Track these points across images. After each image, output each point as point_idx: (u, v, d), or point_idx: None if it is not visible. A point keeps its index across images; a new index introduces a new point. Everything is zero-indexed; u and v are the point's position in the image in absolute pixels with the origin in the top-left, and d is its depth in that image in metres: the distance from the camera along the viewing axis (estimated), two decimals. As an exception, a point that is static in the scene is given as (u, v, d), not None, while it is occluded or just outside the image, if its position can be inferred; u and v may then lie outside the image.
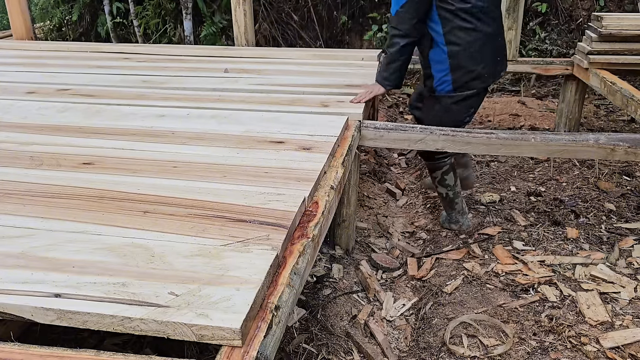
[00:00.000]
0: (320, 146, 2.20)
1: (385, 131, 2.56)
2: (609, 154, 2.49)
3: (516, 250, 2.70)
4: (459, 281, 2.50)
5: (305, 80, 3.22)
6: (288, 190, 1.80)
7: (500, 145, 2.55)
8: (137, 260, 1.40)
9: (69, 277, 1.33)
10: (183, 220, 1.61)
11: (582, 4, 5.63)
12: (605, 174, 3.53)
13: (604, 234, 2.81)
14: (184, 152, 2.15)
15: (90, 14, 6.42)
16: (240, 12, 4.41)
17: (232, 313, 1.20)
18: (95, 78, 3.35)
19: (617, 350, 2.00)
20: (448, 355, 2.10)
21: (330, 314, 2.36)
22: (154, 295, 1.25)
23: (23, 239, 1.51)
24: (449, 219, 3.00)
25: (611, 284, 2.38)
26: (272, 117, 2.56)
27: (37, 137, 2.33)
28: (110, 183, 1.86)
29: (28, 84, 3.24)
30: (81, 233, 1.54)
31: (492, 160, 3.90)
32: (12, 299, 1.25)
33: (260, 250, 1.45)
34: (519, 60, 4.27)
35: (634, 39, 3.66)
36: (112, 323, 1.20)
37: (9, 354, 1.16)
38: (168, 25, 5.95)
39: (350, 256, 2.81)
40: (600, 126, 4.52)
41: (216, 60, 3.97)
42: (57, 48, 4.63)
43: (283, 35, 5.93)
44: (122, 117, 2.58)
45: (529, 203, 3.20)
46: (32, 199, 1.75)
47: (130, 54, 4.22)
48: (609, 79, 3.50)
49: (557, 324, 2.15)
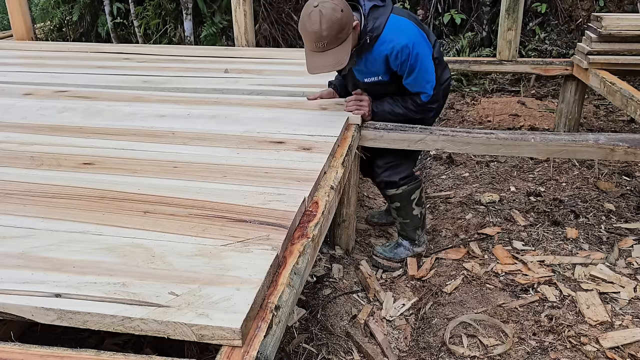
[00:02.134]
0: (320, 146, 2.21)
1: (385, 131, 2.57)
2: (609, 154, 2.50)
3: (516, 250, 2.70)
4: (458, 281, 2.50)
5: (306, 81, 3.22)
6: (288, 190, 1.81)
7: (499, 146, 2.56)
8: (137, 260, 1.41)
9: (70, 277, 1.33)
10: (183, 220, 1.61)
11: (581, 4, 5.63)
12: (604, 174, 3.53)
13: (604, 234, 2.81)
14: (184, 152, 2.15)
15: (91, 15, 6.43)
16: (240, 12, 4.42)
17: (233, 313, 1.20)
18: (96, 78, 3.36)
19: (617, 350, 2.01)
20: (448, 355, 2.10)
21: (330, 313, 2.36)
22: (154, 295, 1.26)
23: (23, 239, 1.51)
24: (415, 243, 2.76)
25: (611, 284, 2.39)
26: (272, 118, 2.57)
27: (38, 137, 2.33)
28: (110, 183, 1.87)
29: (28, 84, 3.24)
30: (81, 233, 1.55)
31: (492, 160, 3.91)
32: (13, 299, 1.25)
33: (261, 250, 1.45)
34: (518, 61, 4.27)
35: (634, 39, 3.66)
36: (112, 323, 1.21)
37: (9, 354, 1.16)
38: (168, 26, 5.95)
39: (350, 256, 2.82)
40: (600, 126, 4.52)
41: (216, 60, 3.98)
42: (58, 48, 4.64)
43: (283, 35, 5.93)
44: (123, 117, 2.58)
45: (529, 203, 3.20)
46: (32, 199, 1.76)
47: (131, 55, 4.22)
48: (609, 79, 3.50)
49: (557, 323, 2.15)
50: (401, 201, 2.65)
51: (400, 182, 2.61)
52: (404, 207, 2.67)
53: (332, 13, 2.19)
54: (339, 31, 2.22)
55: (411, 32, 2.39)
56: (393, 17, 2.40)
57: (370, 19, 2.37)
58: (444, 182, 3.67)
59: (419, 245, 2.78)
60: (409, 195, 2.64)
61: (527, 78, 5.57)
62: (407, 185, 2.62)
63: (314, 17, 2.20)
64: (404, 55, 2.34)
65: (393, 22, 2.38)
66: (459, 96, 5.41)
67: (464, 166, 3.88)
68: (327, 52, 2.27)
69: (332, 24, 2.19)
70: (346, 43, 2.27)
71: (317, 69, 2.32)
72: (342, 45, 2.27)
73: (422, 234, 2.78)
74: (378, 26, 2.36)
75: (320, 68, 2.32)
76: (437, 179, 3.73)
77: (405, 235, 2.77)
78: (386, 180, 2.62)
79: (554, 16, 5.71)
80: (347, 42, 2.28)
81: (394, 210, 2.70)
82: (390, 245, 2.81)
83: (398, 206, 2.67)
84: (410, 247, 2.77)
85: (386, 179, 2.62)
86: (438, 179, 3.74)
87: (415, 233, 2.74)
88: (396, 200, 2.66)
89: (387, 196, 2.70)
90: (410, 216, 2.69)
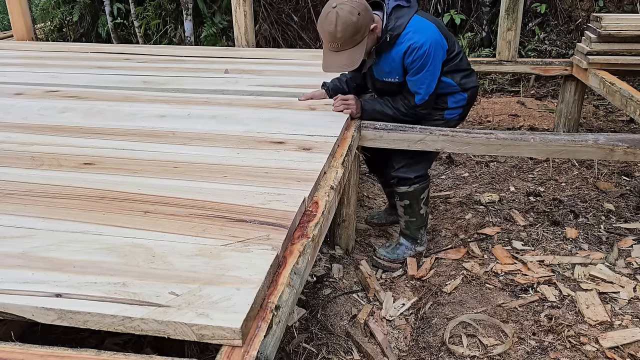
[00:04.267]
0: (320, 146, 2.21)
1: (385, 131, 2.57)
2: (608, 154, 2.50)
3: (515, 250, 2.71)
4: (458, 281, 2.51)
5: (306, 81, 3.23)
6: (288, 190, 1.81)
7: (499, 146, 2.56)
8: (137, 260, 1.41)
9: (70, 277, 1.33)
10: (183, 220, 1.62)
11: (581, 4, 5.63)
12: (604, 174, 3.53)
13: (603, 234, 2.82)
14: (184, 152, 2.15)
15: (91, 15, 6.43)
16: (240, 12, 4.42)
17: (233, 313, 1.20)
18: (96, 79, 3.36)
19: (617, 350, 2.01)
20: (447, 354, 2.10)
21: (330, 313, 2.36)
22: (155, 295, 1.26)
23: (24, 239, 1.51)
24: (417, 242, 2.77)
25: (610, 283, 2.39)
26: (272, 118, 2.57)
27: (38, 137, 2.33)
28: (110, 183, 1.87)
29: (28, 84, 3.24)
30: (82, 233, 1.55)
31: (492, 160, 3.91)
32: (13, 299, 1.25)
33: (261, 250, 1.45)
34: (518, 61, 4.27)
35: (633, 39, 3.67)
36: (112, 323, 1.21)
37: (9, 354, 1.17)
38: (168, 26, 5.95)
39: (350, 256, 2.82)
40: (600, 126, 4.52)
41: (216, 60, 3.98)
42: (58, 48, 4.64)
43: (283, 36, 5.93)
44: (123, 118, 2.59)
45: (528, 203, 3.21)
46: (32, 199, 1.76)
47: (131, 55, 4.22)
48: (608, 80, 3.51)
49: (557, 323, 2.16)
50: (411, 199, 2.67)
51: (415, 180, 2.64)
52: (413, 205, 2.69)
53: (349, 16, 2.24)
54: (354, 34, 2.27)
55: (431, 34, 2.40)
56: (416, 18, 2.43)
57: (393, 18, 2.40)
58: (443, 182, 3.68)
59: (421, 245, 2.79)
60: (420, 194, 2.67)
61: (526, 78, 5.57)
62: (420, 184, 2.66)
63: (331, 17, 2.26)
64: (418, 52, 2.36)
65: (415, 23, 2.41)
66: (458, 96, 5.40)
67: (464, 166, 3.89)
68: (341, 52, 2.33)
69: (347, 27, 2.24)
70: (361, 45, 2.32)
71: (330, 68, 2.40)
72: (357, 47, 2.32)
73: (424, 233, 2.80)
74: (399, 25, 2.39)
75: (333, 67, 2.39)
76: (437, 179, 3.73)
77: (408, 234, 2.77)
78: (402, 176, 2.64)
79: (553, 16, 5.72)
80: (362, 44, 2.32)
81: (402, 207, 2.72)
82: (391, 246, 2.81)
83: (407, 204, 2.69)
84: (412, 246, 2.77)
85: (402, 174, 2.64)
86: (438, 179, 3.75)
87: (418, 232, 2.76)
88: (406, 198, 2.68)
89: (397, 193, 2.70)
90: (417, 215, 2.71)
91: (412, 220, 2.72)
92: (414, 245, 2.78)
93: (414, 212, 2.70)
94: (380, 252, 2.79)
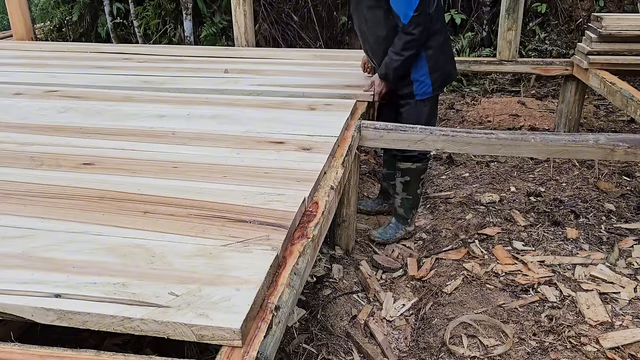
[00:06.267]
0: (320, 146, 2.21)
1: (385, 131, 2.57)
2: (609, 154, 2.50)
3: (516, 251, 2.70)
4: (458, 281, 2.50)
5: (306, 81, 3.22)
6: (288, 190, 1.81)
7: (500, 146, 2.56)
8: (137, 261, 1.41)
9: (69, 277, 1.33)
10: (183, 221, 1.61)
11: (581, 4, 5.63)
12: (605, 174, 3.53)
13: (604, 234, 2.81)
14: (184, 152, 2.15)
15: (91, 15, 6.43)
16: (240, 12, 4.42)
17: (232, 313, 1.20)
18: (96, 79, 3.36)
19: (617, 350, 2.01)
20: (448, 355, 2.10)
21: (330, 314, 2.36)
22: (154, 296, 1.26)
23: (23, 239, 1.51)
24: (408, 222, 2.96)
25: (611, 284, 2.38)
26: (272, 118, 2.57)
27: (38, 137, 2.33)
28: (110, 183, 1.86)
29: (28, 84, 3.24)
30: (81, 233, 1.54)
31: (492, 160, 3.91)
32: (13, 299, 1.25)
33: (260, 251, 1.45)
34: (518, 61, 4.27)
35: (634, 39, 3.66)
36: (112, 323, 1.21)
37: (9, 354, 1.16)
38: (168, 26, 5.95)
39: (350, 256, 2.82)
40: (600, 126, 4.52)
41: (216, 60, 3.98)
42: (57, 48, 4.64)
43: (283, 35, 5.93)
44: (123, 118, 2.58)
45: (529, 203, 3.20)
46: (32, 199, 1.76)
47: (131, 55, 4.22)
48: (609, 80, 3.50)
49: (557, 324, 2.15)
50: (411, 176, 2.85)
51: (419, 156, 2.78)
52: (412, 183, 2.85)
53: None
54: None
55: None
56: None
57: None
58: (444, 182, 3.67)
59: (410, 225, 2.97)
60: (420, 174, 2.86)
61: (527, 78, 5.57)
62: (422, 162, 2.81)
63: None
64: None
65: None
66: (459, 96, 5.41)
67: (464, 166, 3.88)
68: None
69: None
70: None
71: None
72: None
73: (415, 213, 2.98)
74: None
75: None
76: (437, 179, 3.73)
77: (400, 214, 2.94)
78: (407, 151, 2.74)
79: (554, 16, 5.71)
80: None
81: (402, 184, 2.87)
82: (384, 227, 3.00)
83: (407, 180, 2.85)
84: (402, 226, 2.95)
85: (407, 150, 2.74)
86: (438, 179, 3.74)
87: (410, 212, 2.93)
88: (407, 175, 2.84)
89: (400, 169, 2.85)
90: (413, 193, 2.88)
91: (409, 197, 2.88)
92: (404, 225, 2.95)
93: (412, 190, 2.87)
94: (374, 233, 2.97)
